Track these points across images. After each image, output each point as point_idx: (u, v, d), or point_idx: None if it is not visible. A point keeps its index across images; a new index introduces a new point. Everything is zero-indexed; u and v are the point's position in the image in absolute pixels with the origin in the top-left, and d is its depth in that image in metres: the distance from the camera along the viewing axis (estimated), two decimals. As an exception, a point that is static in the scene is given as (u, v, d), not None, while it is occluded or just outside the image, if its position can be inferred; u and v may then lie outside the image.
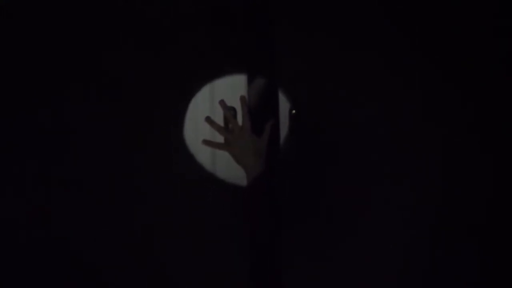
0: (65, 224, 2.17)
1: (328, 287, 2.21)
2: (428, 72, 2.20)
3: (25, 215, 2.16)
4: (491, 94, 2.20)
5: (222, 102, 1.84)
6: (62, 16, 2.15)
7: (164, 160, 2.18)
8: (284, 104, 2.17)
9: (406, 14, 2.19)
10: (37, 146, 2.15)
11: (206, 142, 1.86)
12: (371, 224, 2.21)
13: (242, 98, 1.83)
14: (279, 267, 1.74)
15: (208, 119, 1.85)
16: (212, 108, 2.15)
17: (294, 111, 2.12)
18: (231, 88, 2.12)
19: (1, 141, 2.15)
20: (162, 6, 2.16)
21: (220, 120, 1.90)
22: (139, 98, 2.17)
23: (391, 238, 2.21)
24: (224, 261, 2.18)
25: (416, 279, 2.22)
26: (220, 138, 1.89)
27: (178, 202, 2.19)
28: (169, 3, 2.16)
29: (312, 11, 2.19)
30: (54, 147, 2.16)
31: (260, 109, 2.00)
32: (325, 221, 2.20)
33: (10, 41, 2.14)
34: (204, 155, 2.18)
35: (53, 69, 2.15)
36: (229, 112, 1.84)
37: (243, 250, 2.01)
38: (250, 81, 2.10)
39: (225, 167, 2.18)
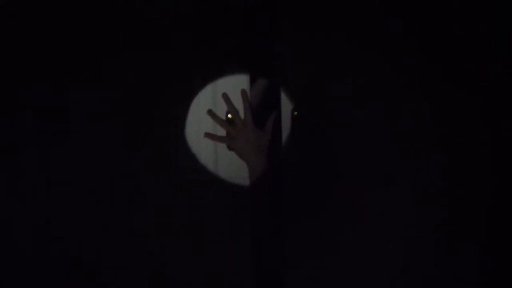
0: (65, 224, 2.17)
1: (329, 287, 2.20)
2: (428, 72, 2.20)
3: (25, 215, 2.16)
4: (491, 94, 2.20)
5: (224, 96, 1.83)
6: (62, 16, 2.15)
7: (164, 160, 2.18)
8: (285, 103, 2.17)
9: (406, 14, 2.19)
10: (37, 146, 2.15)
11: (208, 135, 1.84)
12: (372, 224, 2.20)
13: (243, 92, 1.82)
14: (281, 266, 1.74)
15: (210, 112, 1.84)
16: (214, 108, 2.14)
17: (296, 113, 2.12)
18: (232, 87, 2.11)
19: (1, 141, 2.15)
20: (161, 6, 2.16)
21: (222, 116, 1.90)
22: (139, 98, 2.17)
23: (391, 238, 2.21)
24: (224, 261, 2.18)
25: (416, 279, 2.22)
26: (222, 133, 1.89)
27: (178, 202, 2.19)
28: (169, 3, 2.16)
29: (312, 11, 2.19)
30: (54, 147, 2.16)
31: (262, 106, 2.00)
32: (326, 221, 2.20)
33: (10, 41, 2.14)
34: (206, 155, 2.18)
35: (53, 69, 2.15)
36: (232, 106, 1.83)
37: (244, 250, 2.01)
38: (251, 81, 2.10)
39: (227, 166, 2.18)
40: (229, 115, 1.92)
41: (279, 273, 1.71)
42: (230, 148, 1.97)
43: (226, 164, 2.17)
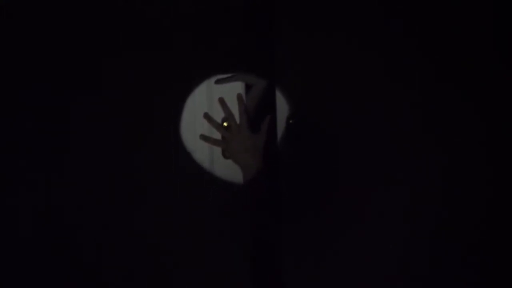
0: (65, 223, 2.17)
1: (329, 287, 2.21)
2: (428, 72, 2.20)
3: (25, 215, 2.16)
4: (491, 94, 2.20)
5: (221, 100, 1.84)
6: (62, 16, 2.15)
7: (164, 160, 2.18)
8: (281, 107, 2.17)
9: (406, 15, 2.19)
10: (37, 146, 2.15)
11: (204, 138, 1.85)
12: (371, 224, 2.21)
13: (239, 96, 1.83)
14: (280, 266, 1.75)
15: (207, 116, 1.84)
16: (210, 112, 2.14)
17: (291, 121, 2.12)
18: (228, 92, 2.11)
19: (1, 141, 2.15)
20: (162, 6, 2.16)
21: (218, 119, 1.90)
22: (139, 98, 2.17)
23: (391, 237, 2.21)
24: (224, 261, 2.18)
25: (416, 279, 2.22)
26: (217, 135, 1.89)
27: (178, 202, 2.19)
28: (169, 3, 2.16)
29: (312, 11, 2.19)
30: (54, 147, 2.16)
31: (257, 110, 2.00)
32: (326, 221, 2.20)
33: (10, 41, 2.14)
34: (202, 155, 2.18)
35: (53, 69, 2.15)
36: (228, 110, 1.84)
37: (243, 250, 2.01)
38: (247, 85, 2.09)
39: (223, 166, 2.18)
40: (225, 124, 1.93)
41: (278, 274, 1.71)
42: (225, 156, 1.98)
43: (224, 163, 2.17)
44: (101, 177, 2.17)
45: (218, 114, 1.92)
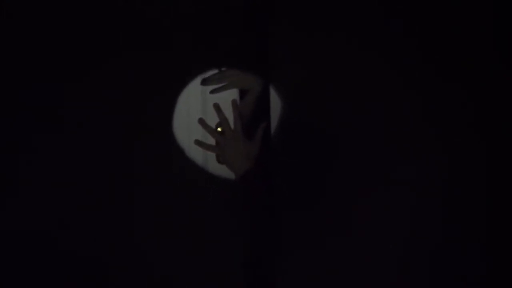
0: (65, 224, 2.17)
1: (328, 287, 2.21)
2: (428, 72, 2.20)
3: (25, 215, 2.16)
4: (491, 94, 2.20)
5: (215, 105, 1.84)
6: (62, 16, 2.15)
7: (164, 160, 2.18)
8: (278, 106, 2.17)
9: (406, 14, 2.19)
10: (37, 146, 2.15)
11: (198, 143, 1.86)
12: (371, 224, 2.20)
13: (233, 102, 1.83)
14: (279, 266, 1.74)
15: (201, 121, 1.85)
16: (204, 117, 2.13)
17: (286, 125, 2.13)
18: (223, 98, 2.10)
19: (1, 141, 2.15)
20: (161, 6, 2.16)
21: (212, 123, 1.90)
22: (139, 98, 2.17)
23: (391, 237, 2.20)
24: (224, 261, 2.18)
25: (416, 279, 2.22)
26: (212, 140, 1.89)
27: (178, 202, 2.19)
28: (168, 3, 2.16)
29: (312, 11, 2.19)
30: (54, 147, 2.16)
31: (252, 116, 2.00)
32: (325, 222, 2.20)
33: (10, 41, 2.14)
34: (203, 155, 2.18)
35: (53, 69, 2.15)
36: (223, 115, 1.84)
37: (243, 250, 2.01)
38: (241, 91, 2.09)
39: (223, 166, 2.17)
40: (219, 129, 1.93)
41: (277, 274, 1.71)
42: (219, 161, 1.98)
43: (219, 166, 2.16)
44: (101, 177, 2.17)
45: (212, 122, 1.91)
